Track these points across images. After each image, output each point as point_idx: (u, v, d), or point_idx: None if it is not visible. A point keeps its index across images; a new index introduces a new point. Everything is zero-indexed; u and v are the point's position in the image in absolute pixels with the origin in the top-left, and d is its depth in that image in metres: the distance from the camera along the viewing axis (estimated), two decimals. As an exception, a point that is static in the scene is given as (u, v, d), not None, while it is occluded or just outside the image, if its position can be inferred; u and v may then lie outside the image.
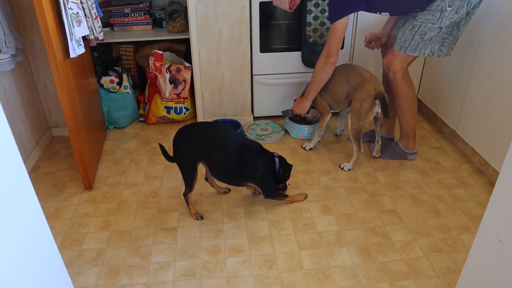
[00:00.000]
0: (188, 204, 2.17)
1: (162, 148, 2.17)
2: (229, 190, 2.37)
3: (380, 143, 2.65)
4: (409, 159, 2.61)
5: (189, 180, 2.08)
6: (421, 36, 2.23)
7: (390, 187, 2.41)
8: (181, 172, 2.12)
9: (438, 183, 2.43)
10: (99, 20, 2.34)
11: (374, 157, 2.68)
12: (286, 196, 2.25)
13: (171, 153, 2.15)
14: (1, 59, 2.21)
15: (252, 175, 2.09)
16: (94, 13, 2.29)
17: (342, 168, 2.56)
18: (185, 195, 2.15)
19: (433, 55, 2.32)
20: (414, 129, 2.54)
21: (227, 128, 2.18)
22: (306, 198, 2.30)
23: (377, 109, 2.35)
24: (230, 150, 2.04)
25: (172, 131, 3.03)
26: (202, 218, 2.17)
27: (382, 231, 2.09)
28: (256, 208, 2.24)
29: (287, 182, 2.30)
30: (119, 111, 2.99)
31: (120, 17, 3.06)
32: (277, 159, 2.17)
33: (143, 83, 3.28)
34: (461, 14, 2.13)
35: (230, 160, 2.05)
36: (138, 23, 3.10)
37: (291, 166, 2.25)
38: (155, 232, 2.10)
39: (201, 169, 2.16)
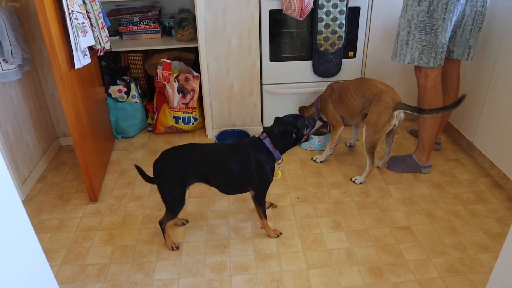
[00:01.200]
0: (164, 233, 2.01)
1: (139, 169, 2.02)
2: (187, 221, 2.20)
3: (390, 155, 2.56)
4: (424, 173, 2.52)
5: (176, 207, 1.95)
6: (397, 37, 2.27)
7: (403, 202, 2.32)
8: (166, 199, 1.96)
9: (454, 198, 2.33)
10: (106, 30, 2.31)
11: (378, 167, 2.60)
12: (266, 217, 2.04)
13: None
14: (8, 69, 2.18)
15: (252, 174, 1.93)
16: (101, 22, 2.26)
17: (354, 181, 2.48)
18: (162, 223, 1.98)
19: (413, 62, 2.27)
20: (432, 142, 2.46)
21: (212, 144, 2.09)
22: (278, 236, 2.08)
23: (395, 121, 2.27)
24: (226, 162, 1.92)
25: (180, 141, 2.98)
26: (177, 248, 2.03)
27: (394, 249, 2.00)
28: (264, 223, 2.17)
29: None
30: (127, 121, 2.96)
31: (129, 25, 3.04)
32: (265, 140, 1.95)
33: (151, 92, 3.25)
34: (424, 10, 2.12)
35: (229, 171, 1.93)
36: (147, 32, 3.08)
37: (295, 117, 2.02)
38: (159, 247, 2.05)
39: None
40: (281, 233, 2.10)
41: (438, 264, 1.91)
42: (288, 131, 1.97)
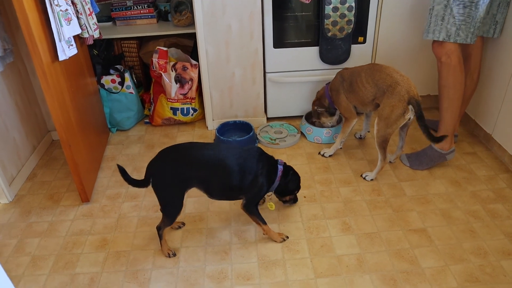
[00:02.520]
0: (161, 239, 1.86)
1: (122, 170, 1.79)
2: (183, 224, 2.05)
3: (403, 149, 2.39)
4: (448, 159, 2.35)
5: (174, 212, 1.80)
6: (430, 12, 2.10)
7: (418, 200, 2.15)
8: (163, 203, 1.80)
9: (473, 196, 2.17)
10: (94, 17, 2.12)
11: (391, 162, 2.43)
12: (265, 223, 1.90)
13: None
14: (-12, 62, 2.02)
15: (252, 184, 1.81)
16: (88, 8, 2.07)
17: (364, 178, 2.31)
18: (160, 228, 1.83)
19: (449, 39, 2.08)
20: (454, 127, 2.29)
21: (215, 144, 1.92)
22: (284, 240, 1.94)
23: (410, 115, 2.09)
24: (230, 166, 1.76)
25: (179, 133, 2.81)
26: (174, 255, 1.88)
27: (409, 255, 1.84)
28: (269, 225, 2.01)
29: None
30: (122, 113, 2.79)
31: (122, 10, 2.84)
32: (280, 167, 1.91)
33: (148, 82, 3.07)
34: None
35: (232, 177, 1.77)
36: (142, 17, 2.88)
37: (298, 177, 2.00)
38: (155, 253, 1.90)
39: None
40: (287, 237, 1.95)
41: (457, 272, 1.76)
42: (290, 186, 1.98)
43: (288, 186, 1.97)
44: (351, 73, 2.32)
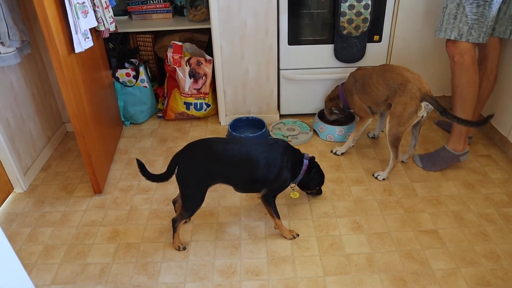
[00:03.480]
0: (174, 231, 1.86)
1: (140, 165, 1.78)
2: (189, 218, 2.05)
3: (416, 148, 2.36)
4: (462, 161, 2.32)
5: (194, 206, 1.81)
6: (443, 11, 2.08)
7: (430, 202, 2.13)
8: (185, 197, 1.80)
9: (486, 199, 2.14)
10: (110, 10, 2.14)
11: (403, 162, 2.41)
12: (279, 217, 1.90)
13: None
14: (6, 53, 2.04)
15: (276, 177, 1.82)
16: (105, 1, 2.09)
17: (376, 178, 2.29)
18: (176, 221, 1.83)
19: (460, 38, 2.05)
20: (468, 128, 2.25)
21: (240, 138, 1.94)
22: (294, 238, 1.94)
23: (422, 112, 2.06)
24: (256, 160, 1.77)
25: (192, 128, 2.83)
26: (184, 248, 1.89)
27: (420, 256, 1.83)
28: (277, 222, 2.01)
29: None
30: (136, 106, 2.81)
31: (138, 4, 2.85)
32: (306, 161, 1.93)
33: (162, 76, 3.08)
34: None
35: (257, 170, 1.78)
36: (158, 11, 2.89)
37: (322, 175, 2.04)
38: (166, 246, 1.91)
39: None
40: (298, 235, 1.94)
41: (468, 275, 1.74)
42: (312, 182, 2.02)
43: (310, 182, 2.01)
44: (363, 74, 2.31)
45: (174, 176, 1.78)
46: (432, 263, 1.79)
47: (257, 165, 1.78)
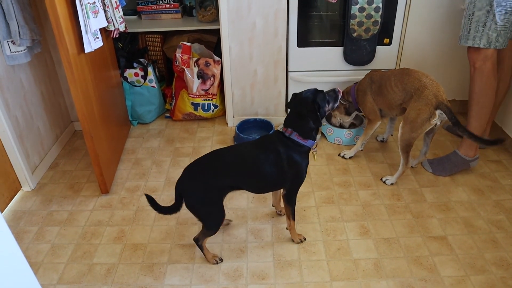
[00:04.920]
0: (202, 249, 1.81)
1: (150, 199, 1.74)
2: (230, 221, 2.03)
3: (426, 156, 2.34)
4: (472, 166, 2.31)
5: (216, 223, 1.75)
6: (469, 18, 2.02)
7: (439, 207, 2.11)
8: (205, 217, 1.73)
9: (496, 205, 2.11)
10: (120, 10, 2.14)
11: (412, 167, 2.38)
12: (294, 219, 1.87)
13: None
14: (16, 52, 2.05)
15: (293, 168, 1.72)
16: (115, 1, 2.09)
17: (384, 182, 2.27)
18: (198, 240, 1.78)
19: (489, 46, 2.01)
20: (481, 132, 2.22)
21: (236, 146, 1.86)
22: (301, 242, 1.92)
23: (436, 120, 2.03)
24: (263, 162, 1.70)
25: (199, 129, 2.82)
26: (221, 260, 1.84)
27: (428, 262, 1.81)
28: (285, 225, 1.99)
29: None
30: (144, 106, 2.81)
31: (148, 4, 2.85)
32: (293, 136, 1.70)
33: (170, 76, 3.08)
34: None
35: (268, 172, 1.71)
36: (167, 11, 2.89)
37: (315, 93, 1.75)
38: (172, 248, 1.91)
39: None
40: (305, 239, 1.93)
41: (477, 282, 1.71)
42: (312, 112, 1.70)
43: (316, 119, 1.70)
44: (381, 76, 2.28)
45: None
46: (441, 270, 1.77)
47: (262, 170, 1.71)
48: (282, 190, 1.85)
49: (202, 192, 1.68)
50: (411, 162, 2.35)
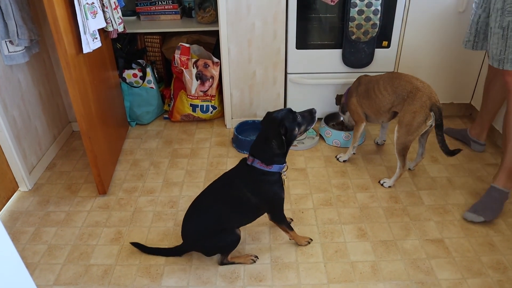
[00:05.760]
0: (235, 263, 1.82)
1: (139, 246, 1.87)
2: (257, 257, 1.89)
3: (423, 157, 2.34)
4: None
5: (231, 247, 1.78)
6: (503, 38, 1.87)
7: (436, 210, 2.11)
8: (214, 252, 1.81)
9: (494, 208, 2.11)
10: (119, 10, 2.14)
11: (410, 169, 2.39)
12: (292, 229, 1.85)
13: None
14: (14, 52, 2.05)
15: (264, 197, 1.70)
16: (114, 2, 2.09)
17: (382, 185, 2.27)
18: (223, 261, 1.81)
19: None
20: None
21: (205, 190, 1.81)
22: (309, 243, 1.91)
23: (431, 122, 2.04)
24: (232, 200, 1.70)
25: (198, 130, 2.82)
26: (257, 257, 1.84)
27: (425, 265, 1.81)
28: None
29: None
30: (142, 107, 2.81)
31: (147, 5, 2.85)
32: (254, 162, 1.65)
33: (169, 77, 3.08)
34: None
35: (239, 206, 1.71)
36: (166, 12, 2.89)
37: (285, 115, 1.65)
38: (169, 249, 1.91)
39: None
40: (312, 240, 1.92)
41: (474, 286, 1.71)
42: (277, 135, 1.60)
43: (282, 144, 1.61)
44: (370, 79, 2.29)
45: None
46: (438, 273, 1.77)
47: (234, 206, 1.71)
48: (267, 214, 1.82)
49: (202, 236, 1.74)
50: (409, 164, 2.36)
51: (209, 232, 1.72)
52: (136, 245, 1.87)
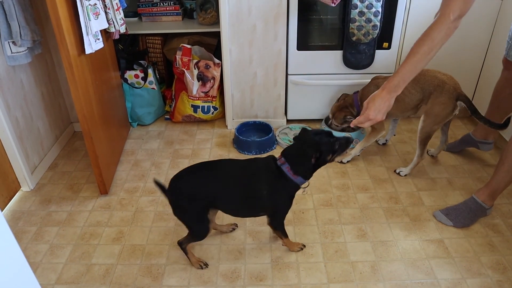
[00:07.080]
0: (187, 254, 1.79)
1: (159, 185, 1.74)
2: (236, 225, 2.02)
3: (447, 144, 2.44)
4: (487, 214, 2.08)
5: (202, 233, 1.74)
6: None
7: (436, 211, 2.12)
8: (189, 225, 1.74)
9: (493, 209, 2.12)
10: (121, 12, 2.15)
11: (433, 156, 2.50)
12: (286, 236, 1.84)
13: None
14: (17, 52, 2.06)
15: (275, 200, 1.69)
16: (116, 3, 2.10)
17: (399, 173, 2.36)
18: (182, 243, 1.77)
19: None
20: (506, 185, 1.98)
21: (224, 161, 1.81)
22: (302, 249, 1.90)
23: (456, 111, 2.15)
24: (241, 184, 1.67)
25: (199, 131, 2.83)
26: (206, 265, 1.82)
27: (425, 265, 1.82)
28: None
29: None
30: (144, 108, 2.82)
31: (149, 6, 2.87)
32: (284, 166, 1.64)
33: (170, 78, 3.09)
34: None
35: (242, 196, 1.68)
36: (168, 14, 2.91)
37: (323, 138, 1.63)
38: (170, 249, 1.91)
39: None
40: (304, 246, 1.92)
41: (474, 286, 1.72)
42: (308, 156, 1.61)
43: (309, 165, 1.63)
44: None
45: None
46: (438, 273, 1.78)
47: (237, 192, 1.68)
48: (266, 217, 1.79)
49: (186, 200, 1.66)
50: (432, 151, 2.49)
51: (200, 196, 1.65)
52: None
